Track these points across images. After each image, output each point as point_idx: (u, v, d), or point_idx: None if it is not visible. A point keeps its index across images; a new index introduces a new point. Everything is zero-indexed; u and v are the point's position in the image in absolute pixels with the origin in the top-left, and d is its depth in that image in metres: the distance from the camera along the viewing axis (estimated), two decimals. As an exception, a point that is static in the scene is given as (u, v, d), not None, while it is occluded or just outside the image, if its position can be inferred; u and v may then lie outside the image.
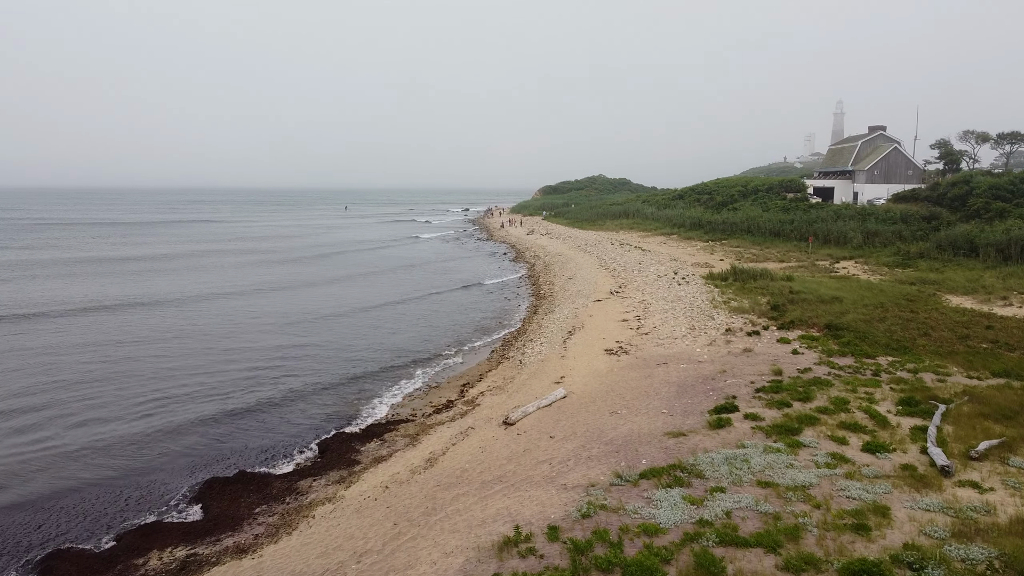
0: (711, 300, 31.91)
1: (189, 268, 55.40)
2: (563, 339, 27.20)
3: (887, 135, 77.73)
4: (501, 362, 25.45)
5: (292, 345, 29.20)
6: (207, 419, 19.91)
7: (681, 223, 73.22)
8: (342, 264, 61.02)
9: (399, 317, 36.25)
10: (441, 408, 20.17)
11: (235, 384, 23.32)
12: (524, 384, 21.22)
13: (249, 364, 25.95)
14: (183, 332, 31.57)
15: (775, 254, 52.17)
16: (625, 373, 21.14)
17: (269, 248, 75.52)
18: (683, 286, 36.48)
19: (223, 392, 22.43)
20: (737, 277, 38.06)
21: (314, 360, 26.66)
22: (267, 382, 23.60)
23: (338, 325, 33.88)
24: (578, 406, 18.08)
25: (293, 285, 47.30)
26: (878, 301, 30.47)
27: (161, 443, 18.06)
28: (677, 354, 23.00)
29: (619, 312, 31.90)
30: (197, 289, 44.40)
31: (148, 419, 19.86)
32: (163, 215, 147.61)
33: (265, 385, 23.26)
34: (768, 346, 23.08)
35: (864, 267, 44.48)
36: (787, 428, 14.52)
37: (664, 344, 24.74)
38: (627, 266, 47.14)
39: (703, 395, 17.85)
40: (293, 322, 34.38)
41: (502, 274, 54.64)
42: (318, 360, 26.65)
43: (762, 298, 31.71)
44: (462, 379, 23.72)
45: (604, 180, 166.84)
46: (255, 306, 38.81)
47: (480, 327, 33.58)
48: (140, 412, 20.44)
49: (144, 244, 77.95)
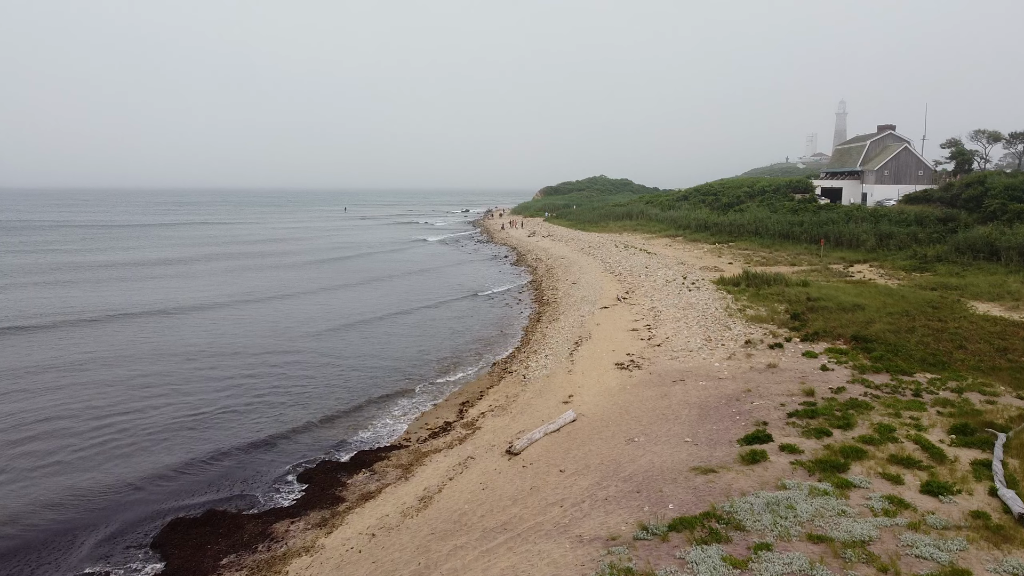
0: (725, 308, 30.11)
1: (178, 275, 52.85)
2: (569, 351, 25.40)
3: (896, 134, 75.90)
4: (503, 377, 23.63)
5: (280, 361, 27.00)
6: (179, 444, 18.10)
7: (686, 225, 71.45)
8: (337, 271, 58.52)
9: (394, 329, 33.99)
10: (438, 431, 18.35)
11: (214, 403, 21.51)
12: (529, 404, 19.40)
13: (232, 381, 24.09)
14: (162, 345, 29.52)
15: (785, 257, 50.42)
16: (639, 391, 19.34)
17: (263, 252, 73.61)
18: (694, 292, 34.68)
19: (199, 412, 20.60)
20: (750, 282, 36.28)
21: (303, 377, 24.77)
22: (250, 401, 21.76)
23: (330, 338, 31.43)
24: (590, 431, 16.28)
25: (285, 294, 44.41)
26: (902, 309, 28.71)
27: (125, 473, 16.21)
28: (694, 369, 21.20)
29: (628, 320, 30.11)
30: (183, 298, 41.87)
31: (112, 444, 18.01)
32: (154, 217, 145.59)
33: (247, 404, 21.42)
34: (793, 361, 21.26)
35: (880, 271, 42.72)
36: (832, 464, 12.71)
37: (679, 357, 22.94)
38: (633, 270, 45.34)
39: (729, 420, 16.04)
40: (282, 335, 32.02)
41: (502, 279, 52.84)
42: (307, 377, 24.74)
43: (779, 306, 29.93)
44: (461, 397, 21.90)
45: (605, 181, 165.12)
46: (243, 317, 36.55)
47: (480, 338, 31.73)
48: (103, 437, 18.52)
49: (136, 248, 76.05)
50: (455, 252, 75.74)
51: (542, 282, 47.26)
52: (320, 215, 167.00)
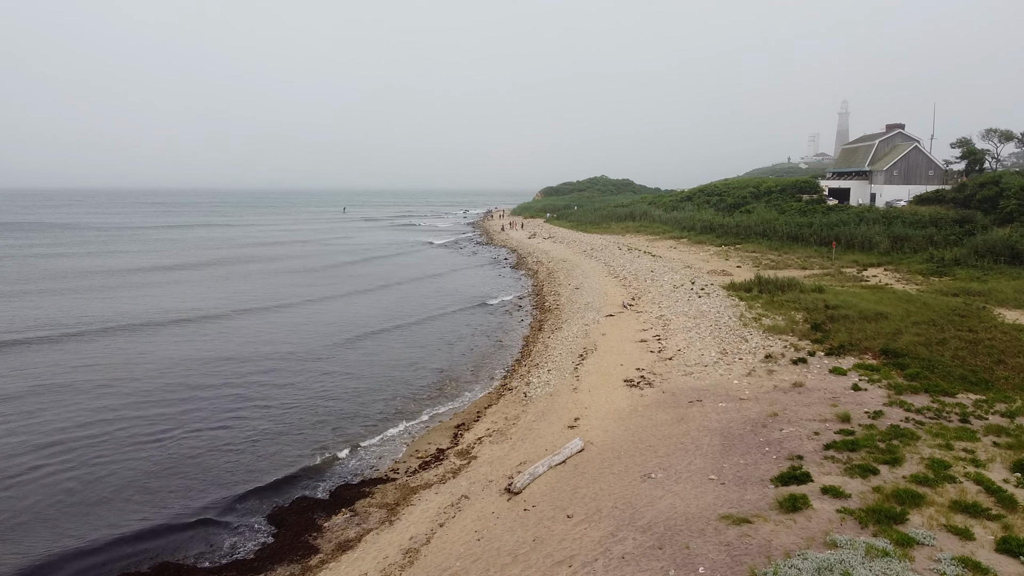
0: (739, 316, 28.24)
1: (166, 282, 50.04)
2: (574, 365, 23.53)
3: (906, 133, 74.07)
4: (502, 395, 21.76)
5: (260, 380, 24.58)
6: (138, 471, 16.24)
7: (691, 226, 69.57)
8: (330, 279, 55.29)
9: (386, 342, 31.52)
10: (429, 461, 16.47)
11: (181, 424, 19.63)
12: (530, 428, 17.53)
13: (204, 399, 22.14)
14: (136, 358, 27.54)
15: (795, 260, 48.56)
16: (653, 414, 17.47)
17: (257, 257, 71.61)
18: (704, 299, 32.81)
19: (164, 434, 18.75)
20: (763, 288, 34.41)
21: (285, 396, 22.77)
22: (223, 422, 19.86)
23: (317, 354, 28.92)
24: (600, 464, 14.41)
25: (274, 305, 41.23)
26: (927, 317, 26.83)
27: (68, 515, 14.32)
28: (712, 388, 19.33)
29: (635, 330, 28.25)
30: (165, 307, 39.31)
31: (54, 478, 16.09)
32: (147, 219, 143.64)
33: (220, 426, 19.54)
34: (821, 378, 19.39)
35: (896, 275, 40.84)
36: (887, 513, 10.84)
37: (694, 373, 21.07)
38: (638, 274, 43.47)
39: (757, 451, 14.17)
40: (266, 350, 29.55)
41: (501, 284, 50.97)
42: (290, 396, 22.73)
43: (796, 314, 28.07)
44: (456, 418, 20.03)
45: (606, 181, 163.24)
46: (226, 330, 33.73)
47: (477, 350, 29.82)
48: (47, 467, 16.64)
49: (124, 253, 74.12)
50: (453, 255, 73.88)
51: (543, 287, 45.39)
52: (319, 216, 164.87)
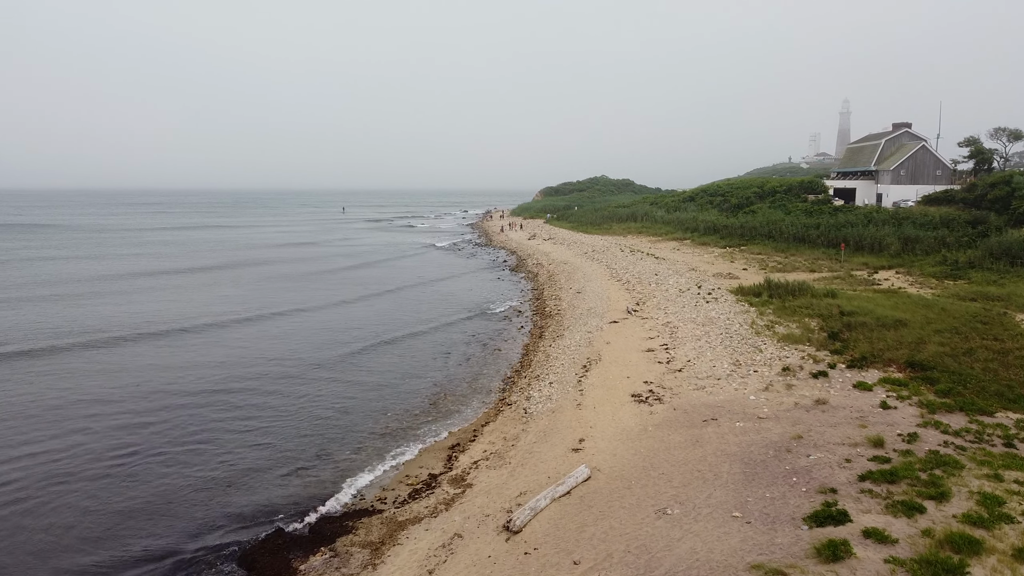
0: (750, 324, 26.81)
1: (153, 289, 47.93)
2: (577, 376, 22.08)
3: (913, 132, 72.67)
4: (501, 410, 20.30)
5: (242, 401, 22.52)
6: (95, 508, 14.76)
7: (694, 227, 68.10)
8: (324, 285, 52.26)
9: (377, 356, 29.12)
10: (420, 489, 15.02)
11: (149, 447, 18.13)
12: (531, 451, 16.08)
13: (177, 420, 20.52)
14: (108, 372, 25.70)
15: (803, 263, 47.12)
16: (664, 435, 16.03)
17: (252, 261, 70.16)
18: (712, 304, 31.36)
19: (127, 462, 17.22)
20: (773, 293, 32.94)
21: (268, 416, 21.16)
22: (197, 445, 18.31)
23: (305, 368, 26.71)
24: (608, 496, 12.97)
25: (261, 314, 37.99)
26: (949, 325, 25.40)
27: (8, 556, 12.85)
28: (726, 404, 17.89)
29: (641, 338, 26.80)
30: (145, 317, 36.26)
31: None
32: (142, 219, 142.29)
33: (193, 450, 18.00)
34: (844, 394, 17.95)
35: (908, 278, 39.39)
36: (944, 565, 9.38)
37: (706, 387, 19.63)
38: (642, 277, 42.02)
39: (784, 482, 12.73)
40: (252, 363, 27.43)
41: (500, 287, 49.51)
42: (273, 415, 21.12)
43: (811, 321, 26.63)
44: (451, 438, 18.55)
45: (607, 181, 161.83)
46: (212, 341, 31.35)
47: (475, 360, 28.29)
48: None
49: (111, 258, 72.67)
50: (451, 258, 72.40)
51: (543, 291, 43.92)
52: (317, 217, 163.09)
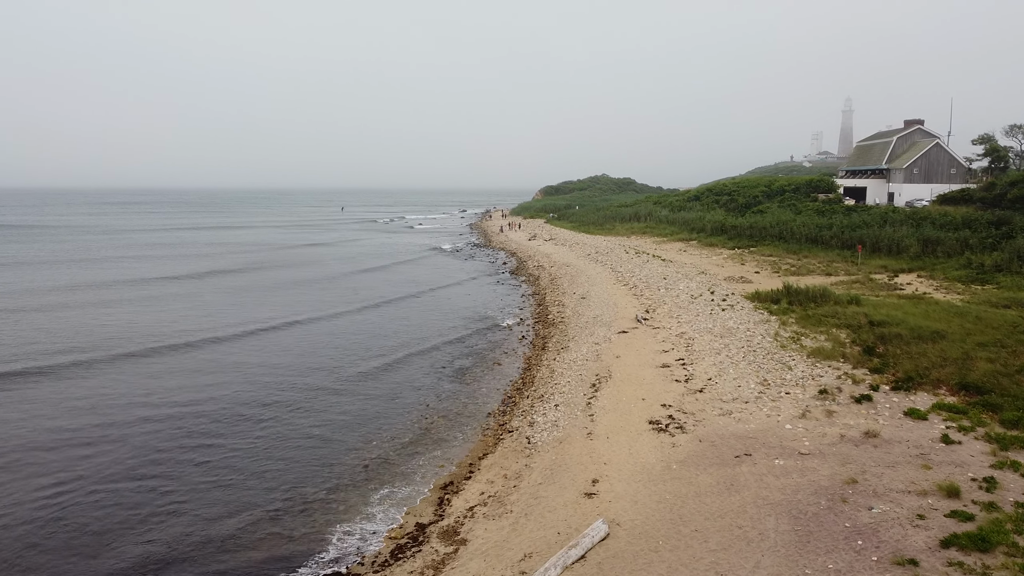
0: (774, 335, 24.51)
1: (134, 299, 43.36)
2: (586, 398, 19.77)
3: (926, 130, 70.47)
4: (501, 437, 17.98)
5: (205, 427, 20.04)
6: (8, 559, 12.44)
7: (701, 227, 65.77)
8: (313, 294, 48.05)
9: (364, 366, 26.76)
10: (405, 545, 12.69)
11: (82, 484, 15.77)
12: (536, 495, 13.76)
13: (125, 451, 18.04)
14: (57, 396, 23.08)
15: (817, 265, 44.84)
16: (692, 475, 13.72)
17: (238, 267, 67.71)
18: (729, 312, 29.06)
19: (55, 502, 14.96)
20: (793, 299, 30.66)
21: (233, 447, 18.73)
22: (140, 482, 15.92)
23: (281, 389, 23.77)
24: (632, 562, 10.66)
25: (238, 333, 33.01)
26: (991, 337, 23.05)
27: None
28: (760, 434, 15.58)
29: (654, 351, 24.50)
30: (116, 332, 31.78)
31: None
32: (132, 220, 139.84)
33: (133, 490, 15.57)
34: (896, 424, 15.63)
35: (932, 283, 37.09)
36: None
37: (733, 412, 17.32)
38: (649, 281, 39.71)
39: (846, 546, 10.42)
40: (219, 384, 24.37)
41: (499, 291, 47.18)
42: (239, 447, 18.67)
43: (840, 332, 24.35)
44: (443, 472, 16.23)
45: (608, 180, 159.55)
46: (176, 362, 27.41)
47: (471, 375, 25.93)
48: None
49: (95, 262, 70.23)
50: (449, 260, 70.05)
51: (545, 296, 41.58)
52: (316, 216, 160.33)
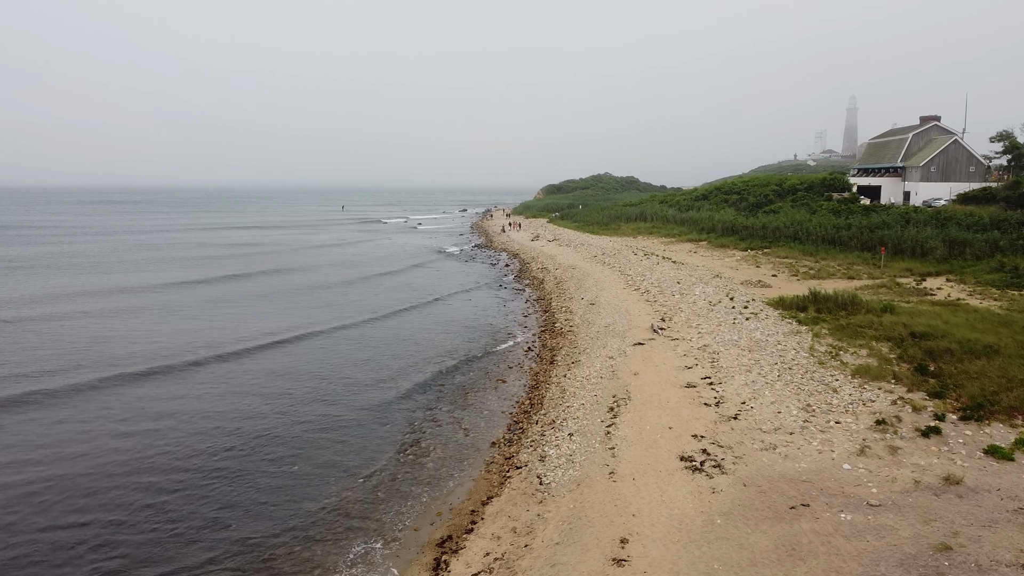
0: (808, 349, 22.06)
1: (109, 311, 39.90)
2: (604, 425, 17.33)
3: (943, 126, 68.00)
4: (508, 476, 15.53)
5: (159, 463, 17.70)
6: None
7: (710, 228, 63.32)
8: (302, 305, 42.44)
9: (346, 385, 23.98)
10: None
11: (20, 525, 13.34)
12: (554, 562, 11.30)
13: (47, 494, 15.63)
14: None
15: (837, 268, 42.43)
16: (741, 533, 11.30)
17: (227, 274, 65.29)
18: (754, 322, 26.62)
19: None
20: (821, 307, 28.24)
21: (189, 495, 16.21)
22: (57, 537, 13.49)
23: (249, 418, 20.54)
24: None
25: (209, 356, 27.77)
26: (1050, 351, 20.67)
27: None
28: (815, 476, 13.15)
29: (676, 367, 22.05)
30: (74, 354, 27.25)
31: None
32: (124, 219, 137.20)
33: (41, 557, 13.09)
34: (979, 467, 13.19)
35: (963, 288, 34.67)
36: None
37: (777, 446, 14.88)
38: (662, 285, 37.26)
39: (964, 650, 8.02)
40: (180, 415, 20.82)
41: (501, 296, 44.70)
42: (196, 492, 16.13)
43: (881, 346, 21.92)
44: (439, 524, 13.79)
45: (610, 179, 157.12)
46: (134, 395, 22.78)
47: (471, 391, 23.48)
48: None
49: (76, 269, 67.66)
50: (448, 263, 67.56)
51: (551, 301, 39.11)
52: (316, 216, 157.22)
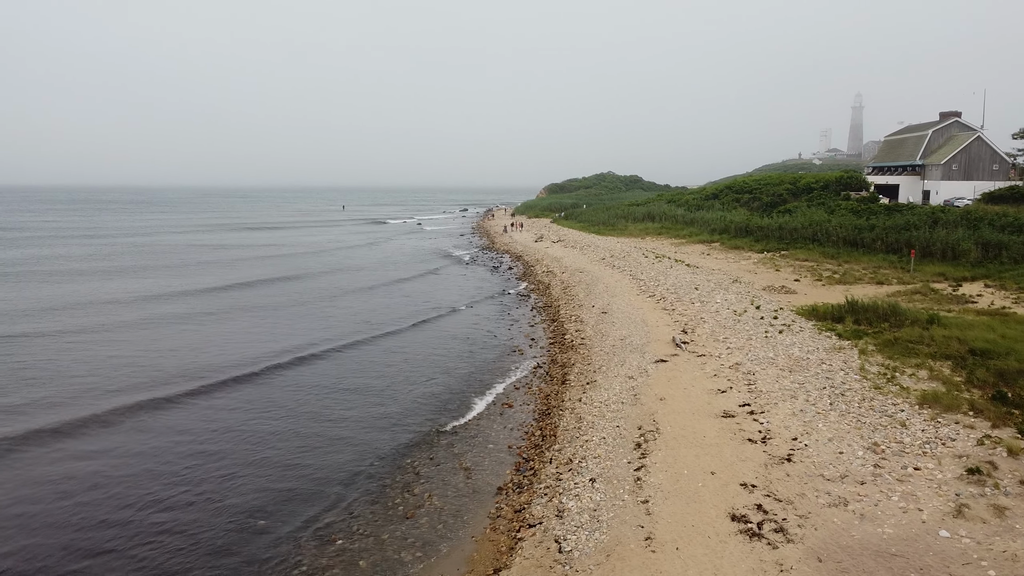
0: (859, 370, 19.29)
1: (74, 330, 37.57)
2: (632, 468, 14.57)
3: (964, 123, 65.26)
4: (519, 538, 12.75)
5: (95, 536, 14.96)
6: None
7: (723, 228, 60.53)
8: (284, 325, 38.32)
9: (322, 412, 21.06)
10: None
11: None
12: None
13: None
14: None
15: (863, 272, 39.68)
16: (830, 640, 8.57)
17: (216, 283, 62.65)
18: (787, 335, 23.84)
19: None
20: (859, 317, 25.51)
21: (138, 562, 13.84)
22: None
23: (216, 460, 17.29)
24: None
25: (179, 392, 22.48)
26: None
27: None
28: (906, 548, 10.41)
29: (706, 389, 19.29)
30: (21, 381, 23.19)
31: None
32: (121, 219, 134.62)
33: None
34: (1117, 538, 10.46)
35: (1004, 294, 31.86)
36: None
37: (848, 500, 12.13)
38: (679, 291, 34.47)
39: None
40: (123, 469, 17.25)
41: (504, 303, 41.95)
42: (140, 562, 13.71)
43: (942, 367, 19.16)
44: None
45: (614, 178, 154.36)
46: (53, 449, 19.34)
47: (473, 423, 20.87)
48: None
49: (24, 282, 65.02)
50: (447, 264, 64.80)
51: (559, 308, 36.31)
52: (315, 216, 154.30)
